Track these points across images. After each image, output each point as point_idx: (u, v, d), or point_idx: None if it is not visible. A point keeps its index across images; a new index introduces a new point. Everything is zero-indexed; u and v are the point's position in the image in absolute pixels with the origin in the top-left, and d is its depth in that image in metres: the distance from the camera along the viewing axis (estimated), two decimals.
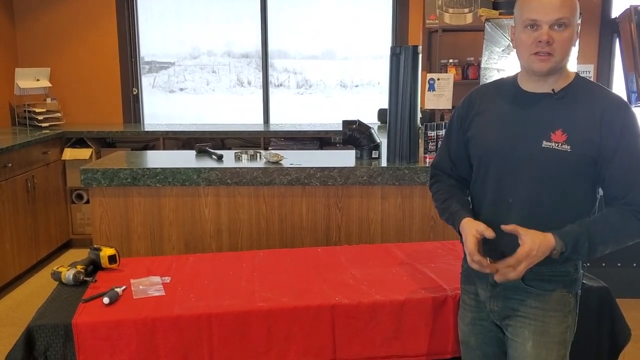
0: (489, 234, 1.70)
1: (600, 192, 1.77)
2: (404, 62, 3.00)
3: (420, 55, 3.03)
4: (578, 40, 1.94)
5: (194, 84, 5.92)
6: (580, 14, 1.75)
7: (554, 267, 1.74)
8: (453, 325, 2.14)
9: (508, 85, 1.83)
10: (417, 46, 3.01)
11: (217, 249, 3.10)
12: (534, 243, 1.61)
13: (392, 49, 3.03)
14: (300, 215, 3.10)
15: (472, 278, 1.91)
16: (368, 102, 5.79)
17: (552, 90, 1.73)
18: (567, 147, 1.67)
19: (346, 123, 3.23)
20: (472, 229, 1.73)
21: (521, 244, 1.63)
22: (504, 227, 1.68)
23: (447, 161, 1.97)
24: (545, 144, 1.69)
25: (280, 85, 5.88)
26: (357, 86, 5.88)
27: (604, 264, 3.84)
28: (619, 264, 3.89)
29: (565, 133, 1.68)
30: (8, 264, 4.18)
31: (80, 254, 2.49)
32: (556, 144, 1.68)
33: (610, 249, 1.69)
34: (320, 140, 5.27)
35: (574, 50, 4.18)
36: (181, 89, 5.94)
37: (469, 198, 1.93)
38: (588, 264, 3.55)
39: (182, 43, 5.83)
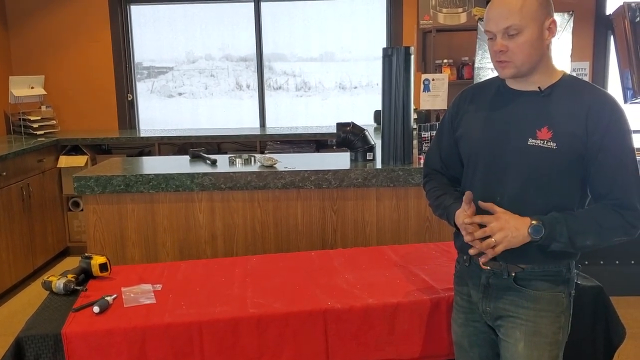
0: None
1: None
2: (396, 64, 2.99)
3: (412, 56, 3.01)
4: (572, 39, 1.93)
5: (192, 88, 5.91)
6: (572, 12, 1.75)
7: (546, 267, 1.73)
8: (446, 328, 2.11)
9: (496, 85, 1.84)
10: (408, 47, 3.00)
11: (212, 254, 3.08)
12: (505, 213, 1.68)
13: (384, 51, 3.02)
14: (296, 219, 3.08)
15: (464, 279, 1.90)
16: (367, 104, 5.76)
17: (539, 87, 1.72)
18: (552, 145, 1.66)
19: (340, 125, 3.22)
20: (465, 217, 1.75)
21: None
22: (481, 204, 1.73)
23: (439, 161, 1.98)
24: (530, 141, 1.69)
25: (280, 88, 5.87)
26: (355, 88, 5.86)
27: (602, 262, 3.82)
28: (617, 262, 3.87)
29: (551, 130, 1.67)
30: (4, 273, 4.17)
31: (77, 262, 2.48)
32: (542, 142, 1.67)
33: (593, 242, 1.66)
34: (317, 142, 5.26)
35: (564, 48, 4.18)
36: (180, 94, 5.93)
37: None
38: (585, 263, 3.54)
39: (179, 48, 5.81)
